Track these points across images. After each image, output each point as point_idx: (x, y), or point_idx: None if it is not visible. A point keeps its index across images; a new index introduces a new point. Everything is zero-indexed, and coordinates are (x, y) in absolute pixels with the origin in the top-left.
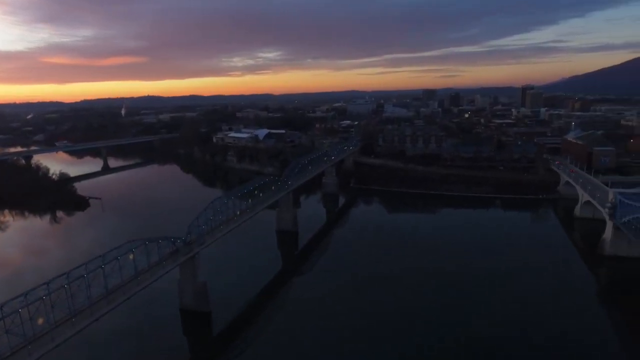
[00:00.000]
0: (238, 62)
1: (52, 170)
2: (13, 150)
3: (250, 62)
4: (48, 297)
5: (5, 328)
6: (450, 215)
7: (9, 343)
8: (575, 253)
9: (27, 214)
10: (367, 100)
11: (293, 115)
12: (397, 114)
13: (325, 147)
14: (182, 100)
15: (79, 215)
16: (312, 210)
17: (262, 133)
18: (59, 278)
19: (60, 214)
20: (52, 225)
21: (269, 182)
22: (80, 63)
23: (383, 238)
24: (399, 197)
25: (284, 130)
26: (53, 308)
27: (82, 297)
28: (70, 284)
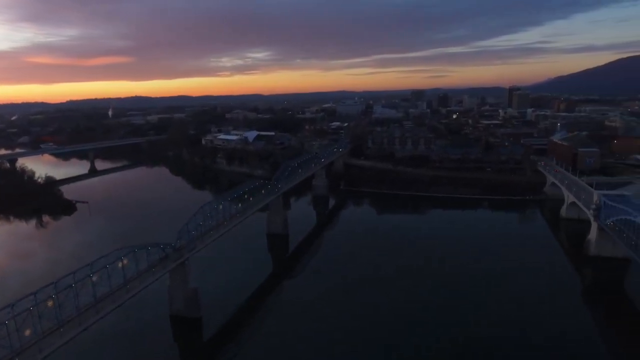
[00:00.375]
0: (227, 62)
1: (37, 174)
2: None
3: (239, 62)
4: (35, 307)
5: None
6: (440, 217)
7: None
8: (562, 254)
9: (12, 219)
10: (356, 101)
11: (282, 117)
12: (386, 115)
13: (315, 148)
14: (170, 101)
15: (66, 220)
16: (302, 213)
17: (251, 135)
18: (47, 288)
19: (47, 219)
20: (38, 231)
21: (259, 185)
22: (66, 63)
23: (373, 240)
24: (389, 198)
25: (274, 132)
26: (40, 318)
27: (70, 306)
28: (58, 294)
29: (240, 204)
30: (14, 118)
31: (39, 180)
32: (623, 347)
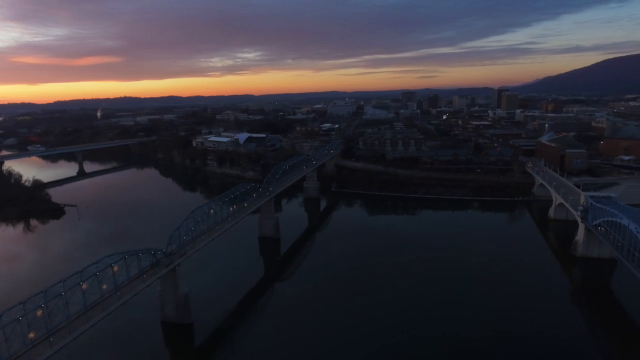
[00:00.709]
0: (217, 62)
1: (25, 177)
2: None
3: (230, 62)
4: (24, 317)
5: None
6: (431, 218)
7: None
8: (551, 254)
9: None
10: (347, 102)
11: (273, 118)
12: (377, 116)
13: (306, 150)
14: (160, 101)
15: (54, 224)
16: (294, 215)
17: (242, 137)
18: (36, 297)
19: (34, 223)
20: (25, 235)
21: (250, 189)
22: (53, 63)
23: (364, 241)
24: (380, 200)
25: (265, 135)
26: (30, 328)
27: (60, 315)
28: (48, 303)
29: (232, 208)
30: (0, 119)
31: (26, 184)
32: (609, 342)
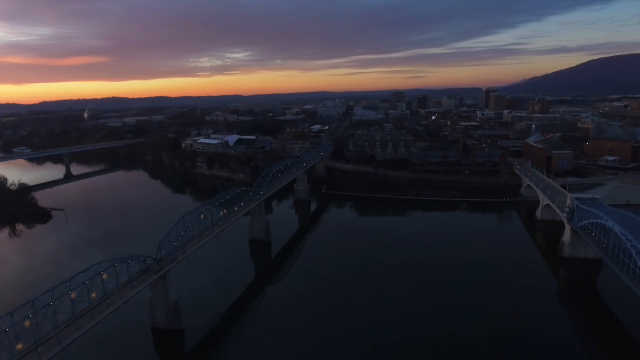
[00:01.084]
0: (206, 62)
1: (10, 180)
2: None
3: (219, 62)
4: (12, 328)
5: None
6: (421, 220)
7: None
8: (538, 255)
9: None
10: (337, 103)
11: (263, 119)
12: (366, 117)
13: (297, 152)
14: (148, 102)
15: (41, 229)
16: (284, 217)
17: (232, 139)
18: (24, 307)
19: (21, 228)
20: (11, 241)
21: (241, 193)
22: (39, 63)
23: (355, 244)
24: (371, 202)
25: (255, 137)
26: (18, 339)
27: (49, 325)
28: (36, 313)
29: (222, 212)
30: None
31: (12, 187)
32: (595, 340)
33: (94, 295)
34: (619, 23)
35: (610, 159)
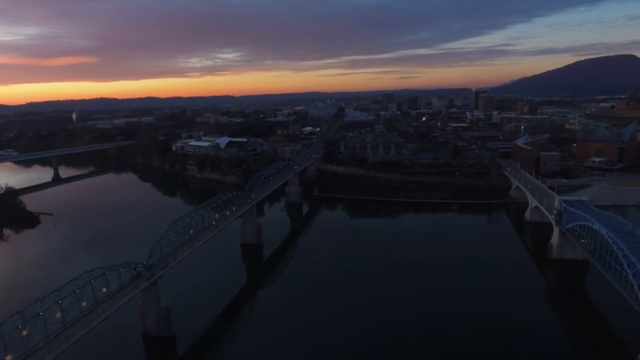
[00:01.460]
0: (196, 62)
1: None
2: None
3: (209, 62)
4: (0, 339)
5: None
6: (411, 221)
7: None
8: (527, 256)
9: None
10: (328, 104)
11: (254, 120)
12: (357, 119)
13: (288, 154)
14: (138, 102)
15: (29, 234)
16: (276, 220)
17: (223, 142)
18: (13, 317)
19: (8, 232)
20: None
21: (232, 197)
22: (25, 63)
23: (347, 246)
24: (362, 204)
25: (246, 139)
26: (7, 350)
27: (38, 335)
28: (26, 323)
29: (214, 217)
30: None
31: None
32: (583, 340)
33: (84, 304)
34: (605, 24)
35: (597, 160)
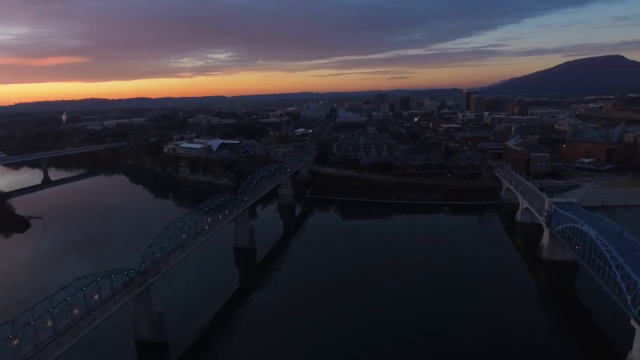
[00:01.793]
0: (187, 62)
1: None
2: None
3: (200, 63)
4: None
5: None
6: (404, 223)
7: None
8: (518, 257)
9: None
10: (320, 105)
11: (246, 122)
12: (350, 120)
13: (280, 156)
14: (129, 103)
15: (18, 239)
16: (269, 222)
17: (215, 144)
18: (3, 327)
19: None
20: None
21: (225, 200)
22: (14, 63)
23: (339, 248)
24: (355, 206)
25: (238, 141)
26: None
27: (29, 344)
28: (16, 332)
29: (207, 221)
30: None
31: None
32: (572, 340)
33: (76, 312)
34: (594, 25)
35: (586, 161)
